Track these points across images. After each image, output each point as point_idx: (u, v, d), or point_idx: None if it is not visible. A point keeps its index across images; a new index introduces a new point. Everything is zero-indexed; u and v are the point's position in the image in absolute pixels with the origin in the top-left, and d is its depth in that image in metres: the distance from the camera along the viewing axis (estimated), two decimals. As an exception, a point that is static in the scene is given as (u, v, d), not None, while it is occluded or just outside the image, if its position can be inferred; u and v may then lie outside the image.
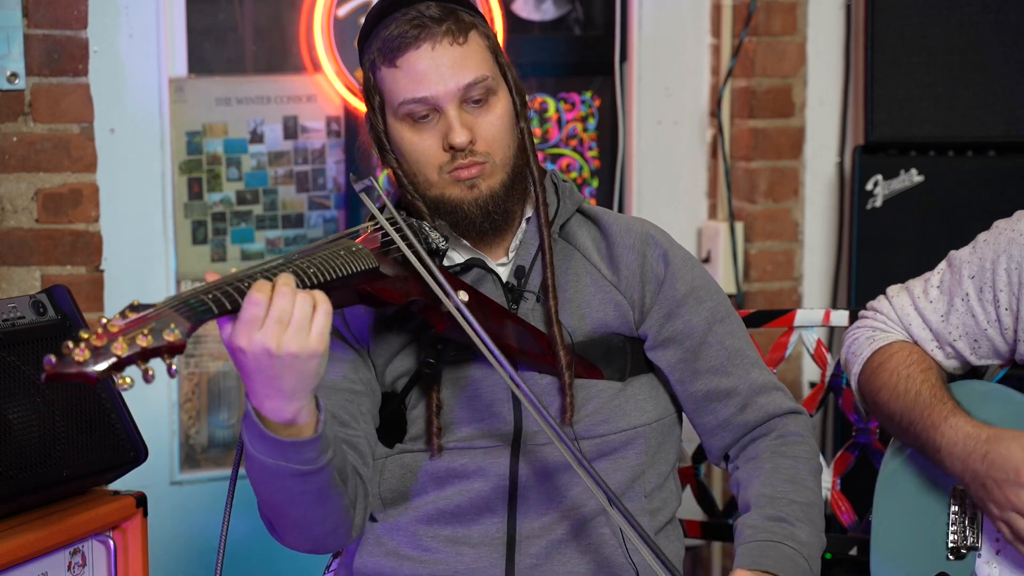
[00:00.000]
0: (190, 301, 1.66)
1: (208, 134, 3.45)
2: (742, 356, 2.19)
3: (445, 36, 2.02)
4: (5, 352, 2.43)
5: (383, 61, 2.05)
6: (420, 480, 2.10)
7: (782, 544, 2.03)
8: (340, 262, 1.87)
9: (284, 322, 1.70)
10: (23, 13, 3.11)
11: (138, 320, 1.60)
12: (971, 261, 2.33)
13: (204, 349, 3.47)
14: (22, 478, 2.37)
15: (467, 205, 2.06)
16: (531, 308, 2.12)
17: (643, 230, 2.19)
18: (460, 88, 2.02)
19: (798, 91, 3.85)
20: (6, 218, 3.15)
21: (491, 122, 2.05)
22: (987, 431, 2.19)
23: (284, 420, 1.78)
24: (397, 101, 2.04)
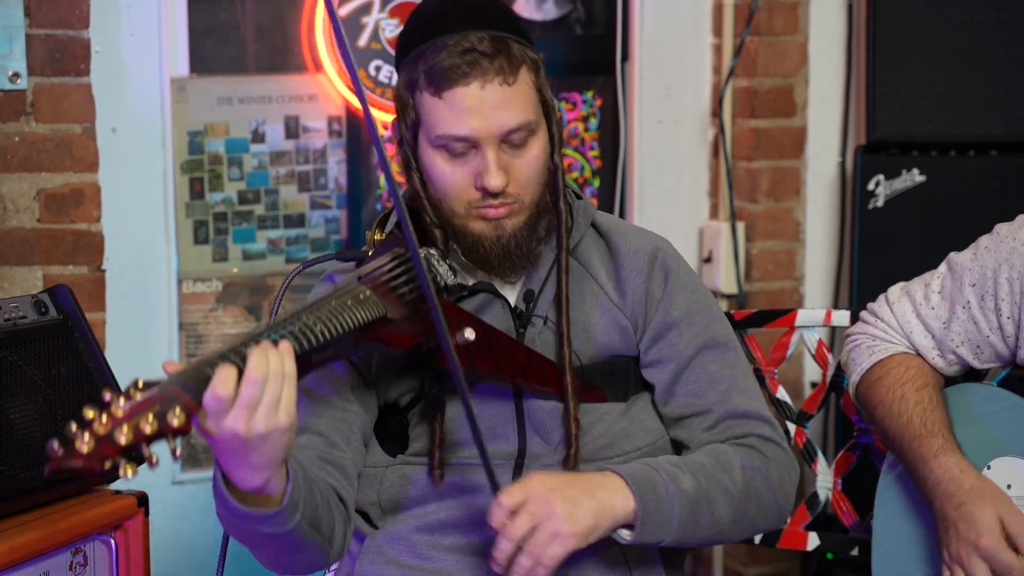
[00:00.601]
0: (192, 376, 1.64)
1: (210, 134, 3.45)
2: (726, 383, 2.13)
3: (496, 75, 1.97)
4: (7, 352, 2.43)
5: (428, 87, 1.99)
6: (421, 491, 2.09)
7: (657, 472, 1.99)
8: (348, 316, 1.84)
9: (252, 407, 1.67)
10: (25, 13, 3.10)
11: (143, 403, 1.58)
12: (972, 268, 2.33)
13: (206, 349, 3.47)
14: (24, 477, 2.37)
15: (488, 243, 2.03)
16: (539, 332, 2.10)
17: (652, 250, 2.15)
18: (503, 131, 1.98)
19: (800, 91, 3.85)
20: (8, 218, 3.15)
21: (527, 163, 2.02)
22: (970, 481, 2.20)
23: (252, 489, 1.77)
24: (436, 132, 1.99)
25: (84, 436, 1.52)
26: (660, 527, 1.96)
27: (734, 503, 2.04)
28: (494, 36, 1.99)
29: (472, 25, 1.99)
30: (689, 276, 2.18)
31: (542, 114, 2.05)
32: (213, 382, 1.64)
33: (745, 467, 2.07)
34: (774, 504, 2.11)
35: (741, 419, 2.12)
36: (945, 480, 2.22)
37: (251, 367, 1.67)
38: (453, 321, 1.97)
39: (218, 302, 3.49)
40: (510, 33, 2.02)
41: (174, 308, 3.43)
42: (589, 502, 1.91)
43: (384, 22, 3.52)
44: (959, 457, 2.24)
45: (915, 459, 2.28)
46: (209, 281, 3.48)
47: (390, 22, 3.53)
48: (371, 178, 3.60)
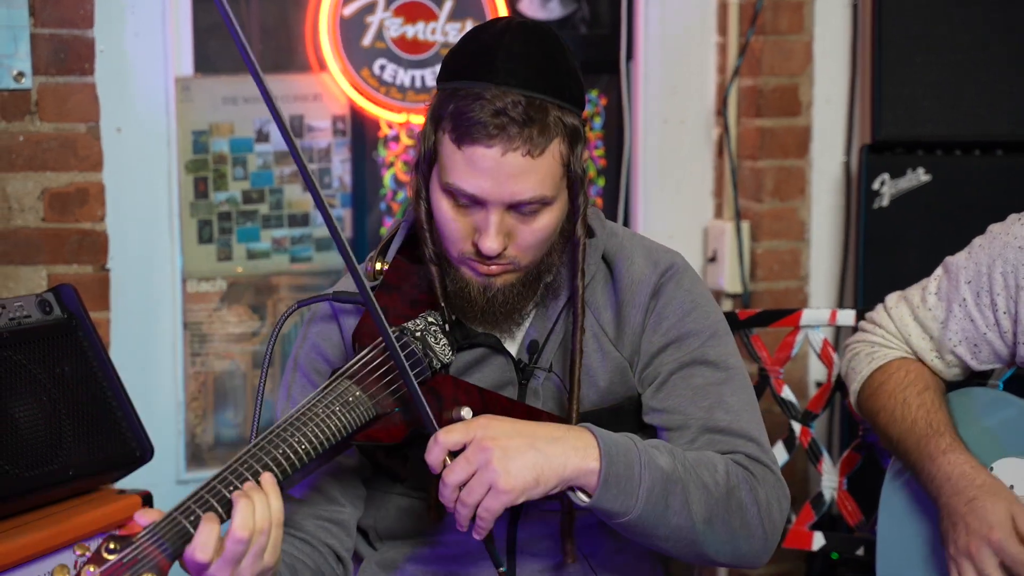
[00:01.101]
0: (167, 530, 1.61)
1: (214, 133, 3.45)
2: (709, 398, 2.02)
3: (522, 145, 1.88)
4: (11, 351, 2.43)
5: (451, 132, 1.91)
6: (416, 524, 2.08)
7: (632, 441, 1.89)
8: (335, 424, 1.80)
9: (236, 561, 1.65)
10: (30, 12, 3.11)
11: (114, 568, 1.55)
12: (967, 267, 2.34)
13: (210, 348, 3.47)
14: (29, 477, 2.37)
15: (474, 291, 1.98)
16: (541, 384, 2.05)
17: (656, 279, 2.07)
18: (512, 200, 1.91)
19: (804, 90, 3.84)
20: (13, 217, 3.15)
21: (532, 232, 1.95)
22: (982, 478, 2.21)
23: None
24: (447, 178, 1.92)
25: None
26: (624, 496, 1.85)
27: (711, 502, 1.91)
28: (533, 102, 1.89)
29: (518, 82, 1.90)
30: (689, 296, 2.08)
31: (564, 186, 1.97)
32: (194, 544, 1.61)
33: (731, 474, 1.95)
34: (759, 526, 1.97)
35: (723, 435, 2.00)
36: (956, 476, 2.22)
37: (237, 526, 1.64)
38: (449, 397, 1.92)
39: (222, 301, 3.49)
40: (557, 98, 1.92)
41: (178, 307, 3.43)
42: (532, 455, 1.81)
43: (388, 21, 3.52)
44: (968, 455, 2.24)
45: (922, 457, 2.28)
46: (213, 280, 3.48)
47: (394, 21, 3.53)
48: (376, 177, 3.60)
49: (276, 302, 3.52)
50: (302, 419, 1.78)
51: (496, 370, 2.05)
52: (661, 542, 1.92)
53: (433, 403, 1.89)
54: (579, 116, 1.96)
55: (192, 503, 1.64)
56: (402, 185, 3.62)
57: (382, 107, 3.53)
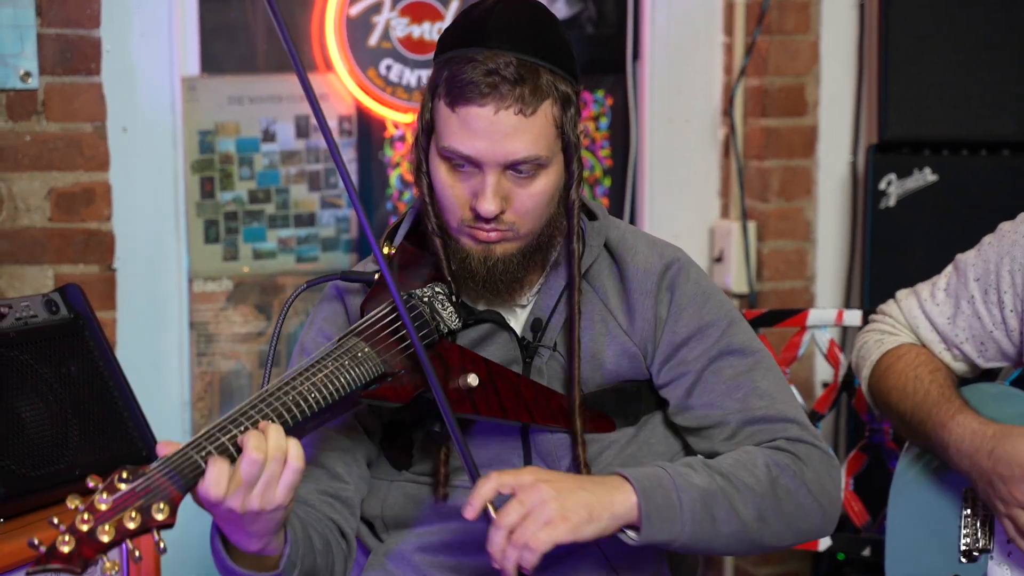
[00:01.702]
0: (180, 464, 1.63)
1: (220, 133, 3.45)
2: (742, 388, 2.06)
3: (514, 103, 1.91)
4: (18, 350, 2.43)
5: (445, 96, 1.94)
6: (424, 511, 2.08)
7: (664, 470, 1.93)
8: (344, 378, 1.82)
9: (250, 485, 1.67)
10: (36, 12, 3.11)
11: (126, 496, 1.57)
12: (976, 264, 2.34)
13: (216, 348, 3.47)
14: (35, 476, 2.37)
15: (475, 261, 1.99)
16: (545, 362, 2.07)
17: (661, 268, 2.09)
18: (507, 160, 1.93)
19: (811, 90, 3.84)
20: (19, 217, 3.15)
21: (529, 195, 1.96)
22: (994, 427, 2.20)
23: (250, 552, 1.78)
24: (443, 142, 1.95)
25: (65, 536, 1.52)
26: (669, 523, 1.90)
27: (757, 500, 1.96)
28: (525, 62, 1.92)
29: (510, 45, 1.93)
30: (699, 287, 2.11)
31: (559, 150, 1.99)
32: (207, 481, 1.64)
33: (771, 465, 1.99)
34: (813, 504, 2.01)
35: (762, 424, 2.05)
36: (968, 435, 2.21)
37: (250, 447, 1.66)
38: (456, 366, 1.94)
39: (228, 301, 3.49)
40: (548, 62, 1.95)
41: (185, 307, 3.44)
42: (583, 494, 1.86)
43: (395, 21, 3.52)
44: (975, 413, 2.24)
45: (935, 426, 2.27)
46: (220, 280, 3.48)
47: (401, 21, 3.53)
48: (382, 177, 3.60)
49: (282, 302, 3.52)
50: (312, 370, 1.81)
51: (500, 348, 2.06)
52: (721, 550, 1.98)
53: (440, 370, 1.92)
54: (572, 85, 1.99)
55: (204, 440, 1.66)
56: (408, 185, 3.62)
57: (388, 107, 3.53)
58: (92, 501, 1.55)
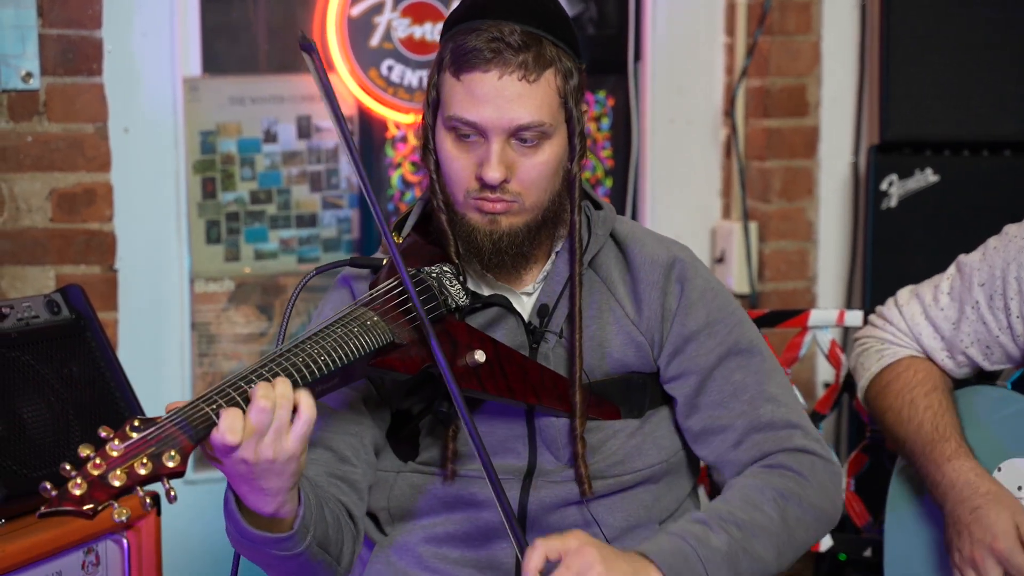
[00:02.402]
0: (191, 415, 1.63)
1: (222, 133, 3.45)
2: (751, 391, 2.08)
3: (517, 69, 1.94)
4: (20, 351, 2.43)
5: (450, 66, 1.98)
6: (430, 501, 2.09)
7: (679, 538, 1.94)
8: (353, 344, 1.82)
9: (261, 433, 1.67)
10: (38, 13, 3.11)
11: (138, 444, 1.57)
12: (981, 268, 2.32)
13: (218, 348, 3.47)
14: (36, 477, 2.37)
15: (481, 235, 2.01)
16: (551, 348, 2.07)
17: (668, 261, 2.11)
18: (512, 126, 1.95)
19: (812, 90, 3.84)
20: (20, 217, 3.15)
21: (533, 165, 1.99)
22: (987, 486, 2.20)
23: (265, 514, 1.77)
24: (448, 112, 1.98)
25: (77, 479, 1.52)
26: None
27: (774, 539, 2.00)
28: (528, 32, 1.96)
29: (513, 17, 1.97)
30: (707, 284, 2.13)
31: (562, 120, 2.01)
32: (222, 427, 1.63)
33: (778, 499, 2.01)
34: (819, 520, 2.06)
35: (767, 431, 2.07)
36: (960, 484, 2.21)
37: (259, 396, 1.66)
38: (463, 343, 1.95)
39: (230, 302, 3.49)
40: (551, 34, 1.99)
41: (186, 308, 3.44)
42: (626, 564, 1.86)
43: (396, 21, 3.52)
44: (973, 462, 2.24)
45: (927, 463, 2.27)
46: (221, 281, 3.48)
47: (402, 21, 3.53)
48: (383, 178, 3.60)
49: (284, 303, 3.52)
50: (321, 335, 1.81)
51: (507, 333, 2.07)
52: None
53: (447, 346, 1.92)
54: (574, 60, 2.02)
55: (214, 394, 1.67)
56: (410, 186, 3.62)
57: (390, 108, 3.53)
58: (104, 448, 1.56)
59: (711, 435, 2.09)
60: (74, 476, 1.52)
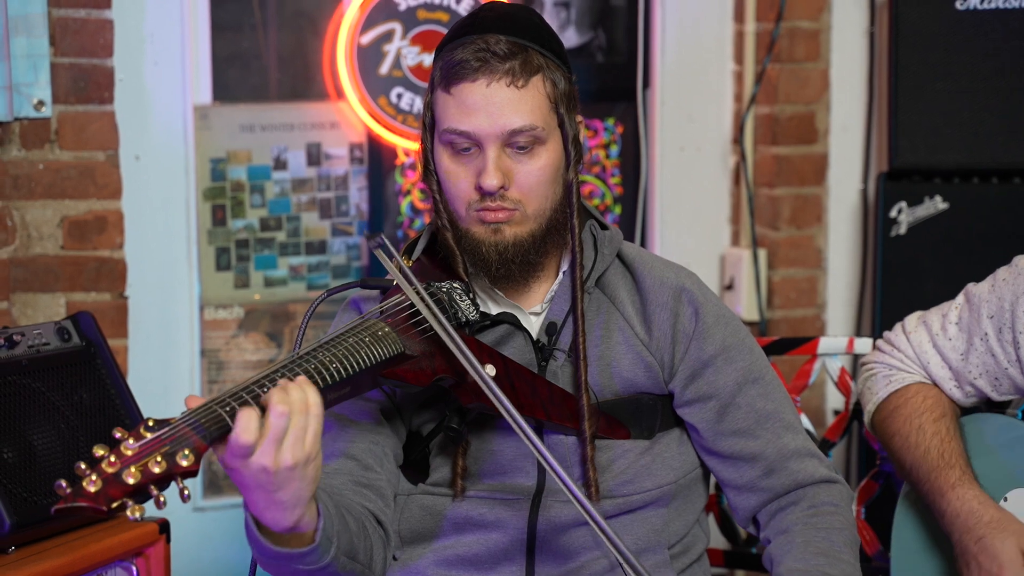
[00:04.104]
0: (204, 417, 1.64)
1: (232, 161, 3.46)
2: (773, 419, 2.13)
3: (505, 76, 1.99)
4: (30, 378, 2.44)
5: (440, 83, 2.03)
6: (440, 524, 2.09)
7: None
8: (365, 353, 1.84)
9: (279, 439, 1.67)
10: (50, 42, 3.13)
11: (152, 443, 1.58)
12: (990, 300, 2.31)
13: (227, 375, 3.48)
14: (46, 504, 2.37)
15: (486, 247, 2.03)
16: (560, 366, 2.08)
17: (677, 284, 2.12)
18: (505, 131, 1.99)
19: (821, 117, 3.84)
20: (32, 245, 3.16)
21: (530, 171, 2.01)
22: (990, 513, 2.20)
23: (284, 529, 1.77)
24: (442, 127, 2.03)
25: (92, 476, 1.52)
26: None
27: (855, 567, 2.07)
28: (514, 41, 2.01)
29: (498, 29, 2.01)
30: (719, 309, 2.15)
31: (555, 126, 2.04)
32: (238, 428, 1.64)
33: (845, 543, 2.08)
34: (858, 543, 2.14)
35: (794, 460, 2.12)
36: (964, 513, 2.21)
37: (275, 401, 1.67)
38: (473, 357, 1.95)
39: (240, 328, 3.50)
40: (537, 45, 2.03)
41: (196, 334, 3.44)
42: None
43: (406, 50, 3.53)
44: (977, 490, 2.23)
45: (932, 491, 2.27)
46: (231, 308, 3.49)
47: (412, 49, 3.54)
48: (392, 205, 3.61)
49: (293, 329, 3.52)
50: (332, 343, 1.83)
51: (516, 351, 2.08)
52: None
53: (459, 361, 1.92)
54: (563, 71, 2.06)
55: (228, 398, 1.67)
56: (419, 213, 3.63)
57: (399, 135, 3.54)
58: (118, 446, 1.56)
59: (741, 462, 2.12)
60: (89, 474, 1.52)
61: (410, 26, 3.53)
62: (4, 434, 2.36)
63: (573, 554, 2.07)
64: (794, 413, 2.17)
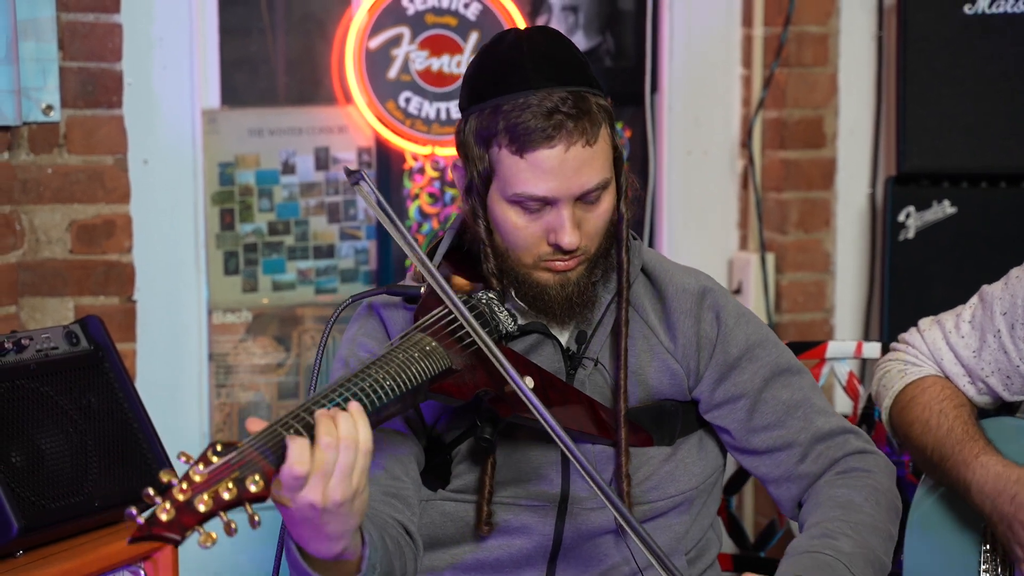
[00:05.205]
0: (270, 440, 1.63)
1: (240, 165, 3.47)
2: (803, 407, 2.13)
3: (580, 137, 1.95)
4: (38, 382, 2.44)
5: (509, 145, 1.96)
6: (459, 529, 2.08)
7: (819, 553, 1.98)
8: (415, 369, 1.83)
9: (328, 474, 1.66)
10: (59, 46, 3.13)
11: (222, 469, 1.57)
12: (1003, 297, 2.32)
13: (235, 379, 3.48)
14: (54, 508, 2.38)
15: (553, 291, 2.02)
16: (588, 375, 2.08)
17: (698, 290, 2.13)
18: (582, 192, 1.97)
19: (829, 122, 3.84)
20: (40, 249, 3.17)
21: (597, 217, 2.01)
22: (1018, 472, 2.18)
23: (328, 558, 1.75)
24: (513, 189, 1.97)
25: (165, 504, 1.51)
26: None
27: (880, 535, 2.06)
28: (576, 94, 1.97)
29: (555, 80, 1.97)
30: (739, 309, 2.16)
31: (612, 167, 2.03)
32: (290, 460, 1.63)
33: (867, 497, 2.08)
34: (898, 509, 2.13)
35: (828, 440, 2.13)
36: (991, 479, 2.20)
37: (321, 433, 1.66)
38: None
39: (248, 333, 3.50)
40: (587, 85, 2.00)
41: (204, 339, 3.44)
42: None
43: (414, 54, 3.54)
44: (999, 456, 2.23)
45: (957, 464, 2.25)
46: (239, 312, 3.49)
47: (420, 54, 3.54)
48: (401, 209, 3.61)
49: (301, 333, 3.52)
50: (383, 361, 1.82)
51: (545, 359, 2.08)
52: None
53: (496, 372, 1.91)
54: (605, 98, 2.04)
55: (289, 419, 1.66)
56: (427, 217, 3.63)
57: (407, 139, 3.54)
58: (188, 473, 1.55)
59: (776, 452, 2.13)
60: (161, 502, 1.52)
61: (418, 30, 3.54)
62: (12, 438, 2.37)
63: (596, 561, 2.08)
64: (824, 399, 2.18)
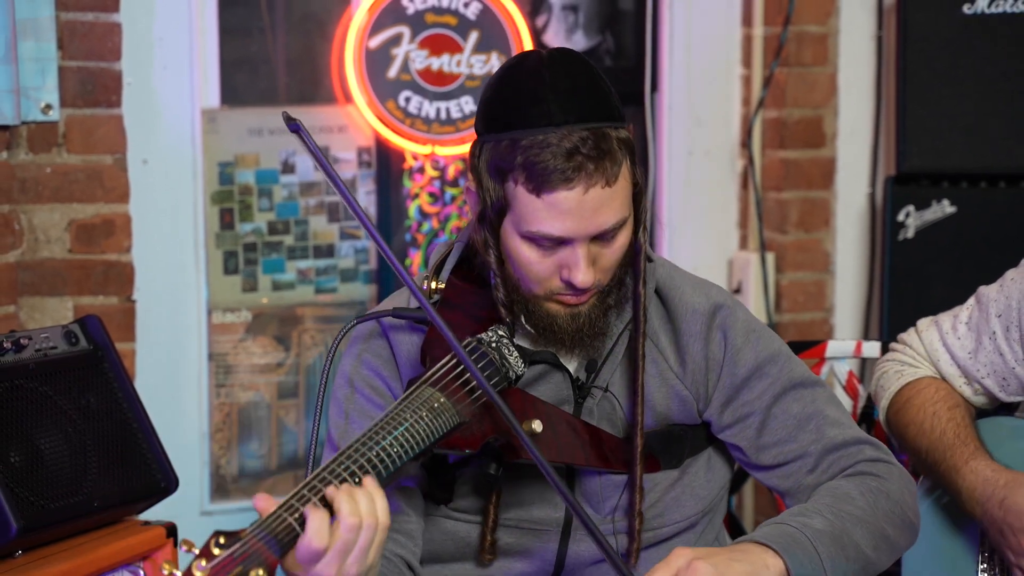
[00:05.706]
0: (274, 527, 1.62)
1: (240, 165, 3.47)
2: (815, 419, 2.07)
3: (599, 178, 1.89)
4: (37, 382, 2.44)
5: (526, 183, 1.89)
6: (461, 550, 2.07)
7: (785, 524, 1.94)
8: (424, 430, 1.81)
9: (347, 553, 1.65)
10: (58, 45, 3.13)
11: (225, 562, 1.56)
12: (998, 299, 2.33)
13: (235, 379, 3.48)
14: (53, 508, 2.38)
15: (563, 322, 1.97)
16: (596, 403, 2.05)
17: (708, 309, 2.08)
18: (599, 231, 1.92)
19: (829, 122, 3.84)
20: (39, 248, 3.17)
21: (612, 253, 1.95)
22: (1006, 476, 2.19)
23: None
24: (529, 227, 1.91)
25: None
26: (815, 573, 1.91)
27: (868, 528, 1.99)
28: (597, 133, 1.90)
29: (576, 117, 1.90)
30: (749, 326, 2.10)
31: (632, 204, 1.98)
32: (308, 533, 1.61)
33: (864, 492, 2.01)
34: (906, 520, 2.05)
35: (840, 450, 2.06)
36: (980, 484, 2.20)
37: (346, 513, 1.65)
38: (518, 412, 1.91)
39: (248, 332, 3.50)
40: (609, 120, 1.93)
41: (204, 338, 3.44)
42: (738, 565, 1.85)
43: (414, 53, 3.54)
44: (989, 460, 2.23)
45: (948, 470, 2.26)
46: (239, 311, 3.49)
47: (420, 53, 3.54)
48: (400, 209, 3.61)
49: (301, 333, 3.52)
50: (391, 424, 1.79)
51: (554, 388, 2.05)
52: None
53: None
54: (625, 128, 1.97)
55: (294, 500, 1.65)
56: (427, 216, 3.63)
57: (407, 139, 3.54)
58: (190, 568, 1.55)
59: (787, 465, 2.08)
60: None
61: (418, 30, 3.54)
62: (11, 438, 2.37)
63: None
64: (841, 411, 2.11)
